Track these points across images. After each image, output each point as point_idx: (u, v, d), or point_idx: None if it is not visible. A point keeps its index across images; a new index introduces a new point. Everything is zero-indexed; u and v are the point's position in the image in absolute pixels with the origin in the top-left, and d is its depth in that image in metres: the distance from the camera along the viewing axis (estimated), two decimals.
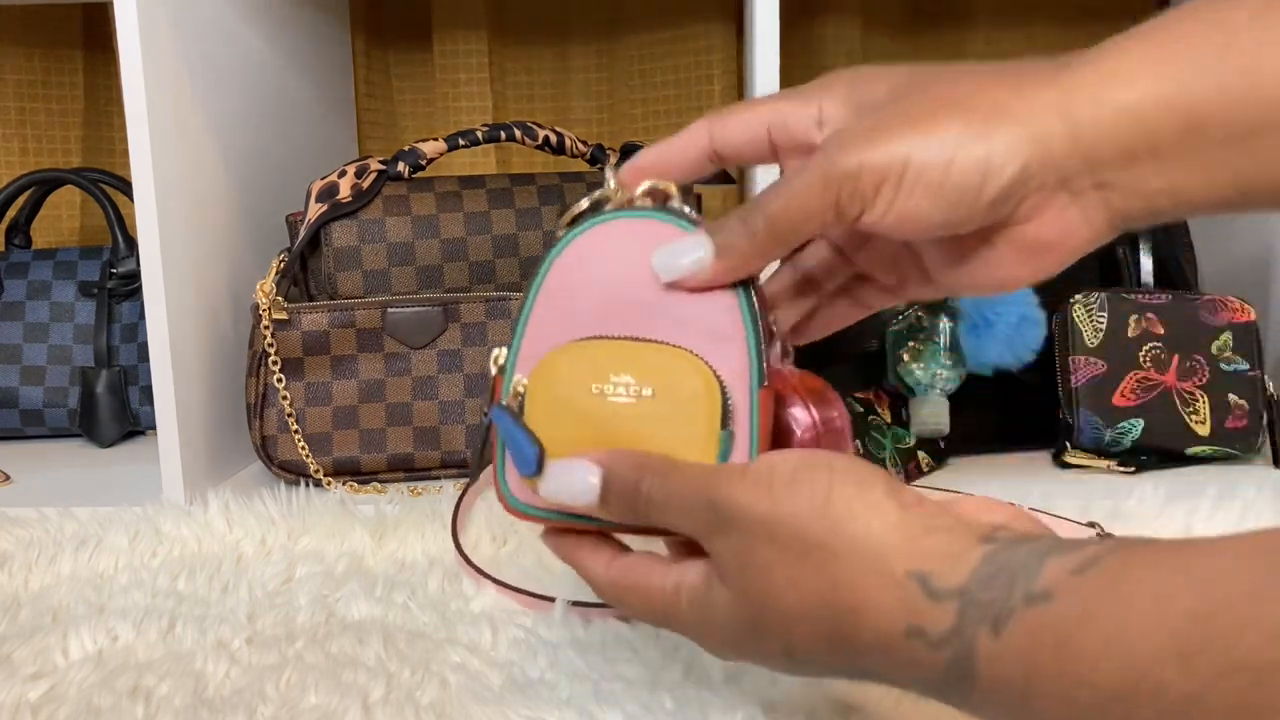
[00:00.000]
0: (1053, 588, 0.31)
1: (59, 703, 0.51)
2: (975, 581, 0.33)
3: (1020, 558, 0.32)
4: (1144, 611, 0.28)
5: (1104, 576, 0.30)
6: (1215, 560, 0.28)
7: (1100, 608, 0.29)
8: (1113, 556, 0.30)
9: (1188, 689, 0.27)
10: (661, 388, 0.42)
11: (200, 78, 0.85)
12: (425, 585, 0.64)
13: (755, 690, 0.50)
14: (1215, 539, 0.29)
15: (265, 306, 0.83)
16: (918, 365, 0.85)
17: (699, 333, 0.43)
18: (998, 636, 0.31)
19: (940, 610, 0.33)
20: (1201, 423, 0.84)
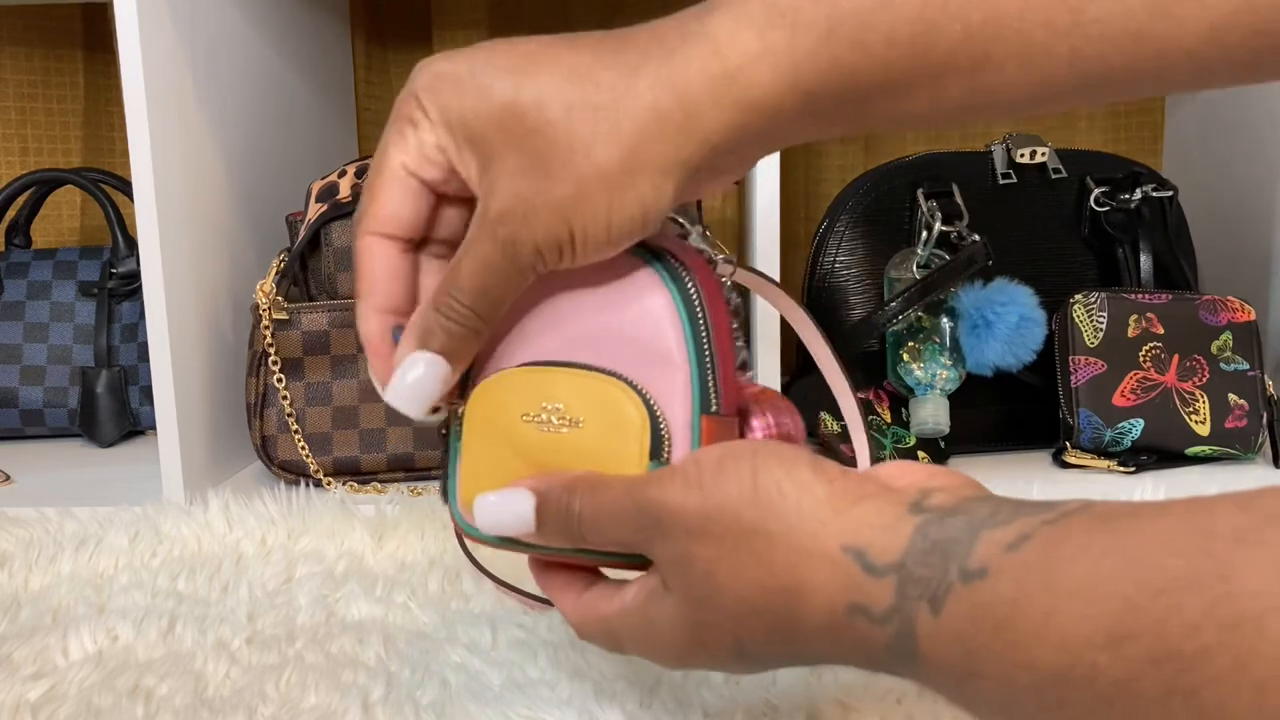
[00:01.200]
0: (987, 564, 0.31)
1: (59, 703, 0.51)
2: (911, 556, 0.33)
3: (952, 532, 0.33)
4: (1077, 594, 0.28)
5: (1037, 554, 0.30)
6: (1146, 544, 0.28)
7: (1033, 589, 0.29)
8: (1046, 530, 0.30)
9: (1119, 674, 0.27)
10: (591, 417, 0.42)
11: (200, 78, 0.85)
12: (425, 585, 0.64)
13: (755, 690, 0.50)
14: (1147, 508, 0.29)
15: (265, 306, 0.83)
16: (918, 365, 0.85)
17: (642, 355, 0.42)
18: (936, 616, 0.32)
19: (880, 586, 0.33)
20: (1201, 423, 0.84)
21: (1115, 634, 0.27)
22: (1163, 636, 0.26)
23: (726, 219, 1.23)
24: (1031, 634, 0.29)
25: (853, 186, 0.92)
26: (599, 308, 0.43)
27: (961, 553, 0.32)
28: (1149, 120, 1.23)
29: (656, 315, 0.42)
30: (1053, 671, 0.28)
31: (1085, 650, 0.28)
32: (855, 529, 0.34)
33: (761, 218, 0.83)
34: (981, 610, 0.30)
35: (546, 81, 0.39)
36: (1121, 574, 0.28)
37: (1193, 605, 0.26)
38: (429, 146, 0.42)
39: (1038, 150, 0.90)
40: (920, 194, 0.88)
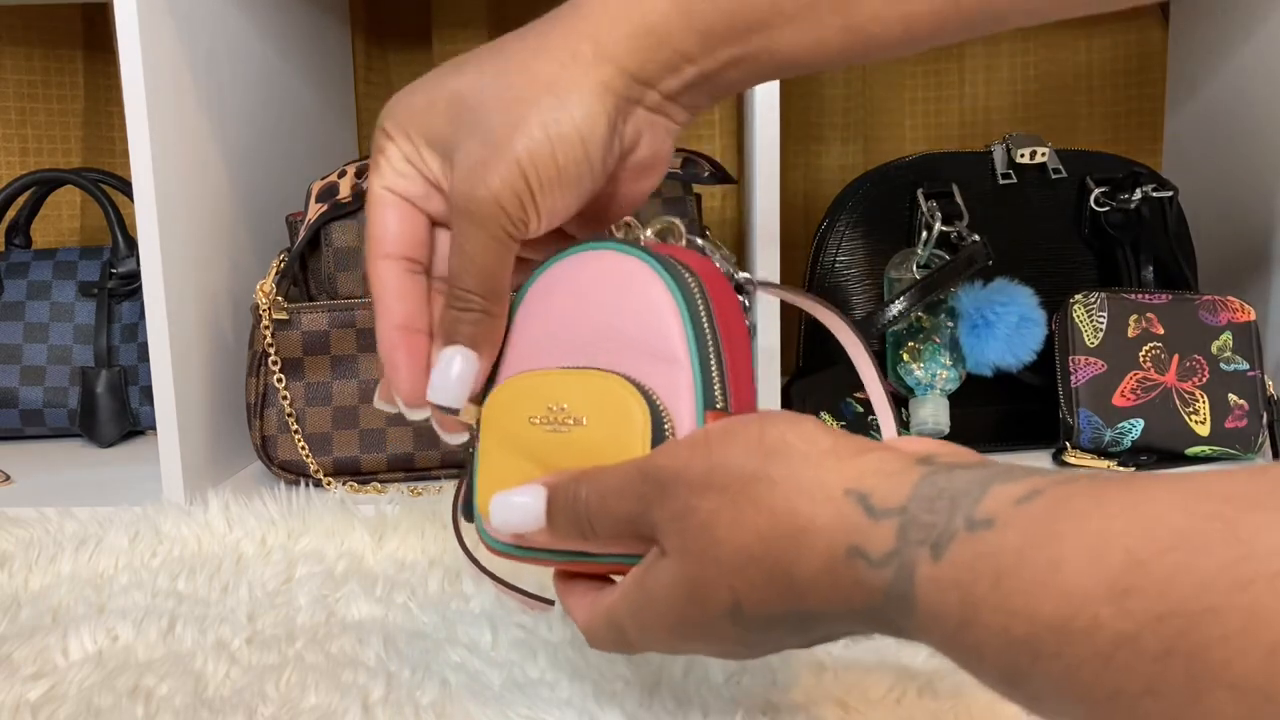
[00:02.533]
0: (995, 515, 0.31)
1: (59, 703, 0.51)
2: (915, 501, 0.33)
3: (962, 483, 0.33)
4: (1084, 547, 0.28)
5: (1046, 508, 0.30)
6: (1158, 504, 0.28)
7: (1041, 540, 0.29)
8: (1057, 488, 0.30)
9: (1122, 628, 0.27)
10: (594, 415, 0.42)
11: (200, 78, 0.85)
12: (425, 585, 0.64)
13: (755, 690, 0.50)
14: (1162, 478, 0.29)
15: (265, 306, 0.83)
16: (918, 365, 0.85)
17: (647, 356, 0.42)
18: (937, 560, 0.31)
19: (880, 529, 0.33)
20: (1201, 423, 0.84)
21: (1119, 588, 0.27)
22: (1168, 594, 0.26)
23: (726, 219, 1.23)
24: (1034, 583, 0.29)
25: (853, 186, 0.92)
26: (602, 312, 0.44)
27: (969, 503, 0.31)
28: (1149, 120, 1.23)
29: (657, 313, 0.42)
30: (1052, 622, 0.28)
31: (1087, 602, 0.27)
32: (859, 474, 0.35)
33: (761, 218, 0.83)
34: (984, 559, 0.30)
35: (476, 65, 0.45)
36: (1131, 530, 0.28)
37: (1202, 564, 0.26)
38: (398, 162, 0.46)
39: (1038, 150, 0.90)
40: (920, 194, 0.88)
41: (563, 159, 0.43)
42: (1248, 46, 1.04)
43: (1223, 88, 1.09)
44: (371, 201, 0.47)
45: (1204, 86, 1.13)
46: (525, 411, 0.44)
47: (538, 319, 0.46)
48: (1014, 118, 1.24)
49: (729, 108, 1.21)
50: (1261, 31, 1.02)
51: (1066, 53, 1.22)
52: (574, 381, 0.43)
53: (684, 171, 0.89)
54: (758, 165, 0.82)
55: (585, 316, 0.44)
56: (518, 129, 0.43)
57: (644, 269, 0.43)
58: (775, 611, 0.36)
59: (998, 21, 0.45)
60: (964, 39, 0.45)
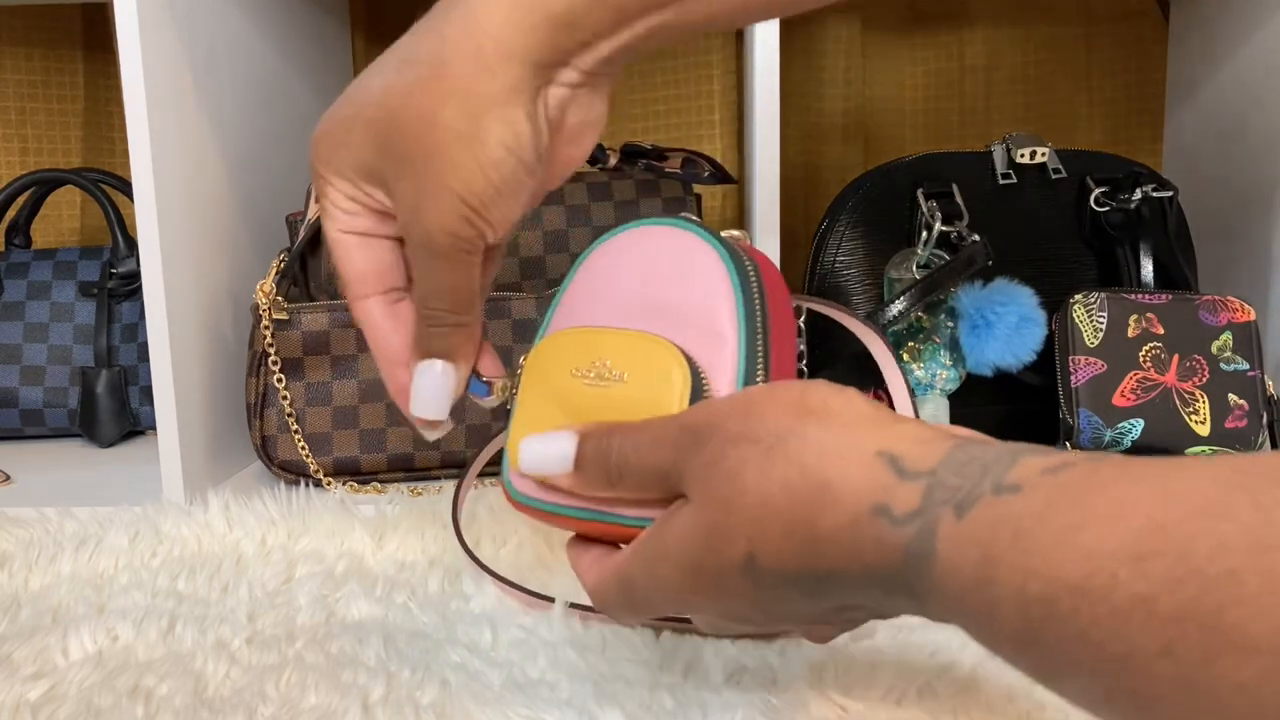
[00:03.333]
0: (1022, 482, 0.31)
1: (59, 703, 0.51)
2: (945, 466, 0.33)
3: (993, 453, 0.33)
4: (1106, 512, 0.28)
5: (1074, 478, 0.30)
6: (1184, 478, 0.28)
7: (1064, 504, 0.29)
8: (1087, 462, 0.31)
9: (1139, 589, 0.27)
10: (635, 373, 0.43)
11: (200, 78, 0.85)
12: (425, 585, 0.64)
13: (755, 690, 0.50)
14: (1187, 459, 0.29)
15: (265, 306, 0.83)
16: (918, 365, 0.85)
17: (697, 329, 0.43)
18: (960, 520, 0.31)
19: (908, 489, 0.33)
20: (1201, 423, 0.84)
21: (1139, 549, 0.27)
22: (1187, 556, 0.26)
23: (726, 219, 1.23)
24: (1053, 543, 0.29)
25: (853, 186, 0.92)
26: (660, 281, 0.45)
27: (999, 469, 0.32)
28: (1149, 120, 1.23)
29: (712, 289, 0.43)
30: (1069, 581, 0.28)
31: (1106, 562, 0.27)
32: (894, 439, 0.35)
33: (761, 218, 0.83)
34: (1006, 520, 0.30)
35: (380, 81, 0.44)
36: (1155, 497, 0.28)
37: (1223, 529, 0.26)
38: (342, 202, 0.46)
39: (1038, 150, 0.90)
40: (920, 194, 0.88)
41: (497, 178, 0.43)
42: (1248, 46, 1.04)
43: (1223, 88, 1.09)
44: (332, 246, 0.47)
45: (1204, 86, 1.13)
46: (569, 364, 0.44)
47: (598, 280, 0.47)
48: (1014, 118, 1.24)
49: (729, 108, 1.21)
50: (1261, 31, 1.02)
51: (1066, 53, 1.22)
52: (620, 340, 0.44)
53: (684, 171, 0.89)
54: (758, 165, 0.82)
55: (643, 283, 0.45)
56: (445, 161, 0.42)
57: (706, 247, 0.45)
58: (789, 568, 0.36)
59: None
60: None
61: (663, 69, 1.23)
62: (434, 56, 0.43)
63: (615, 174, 0.90)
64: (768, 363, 0.43)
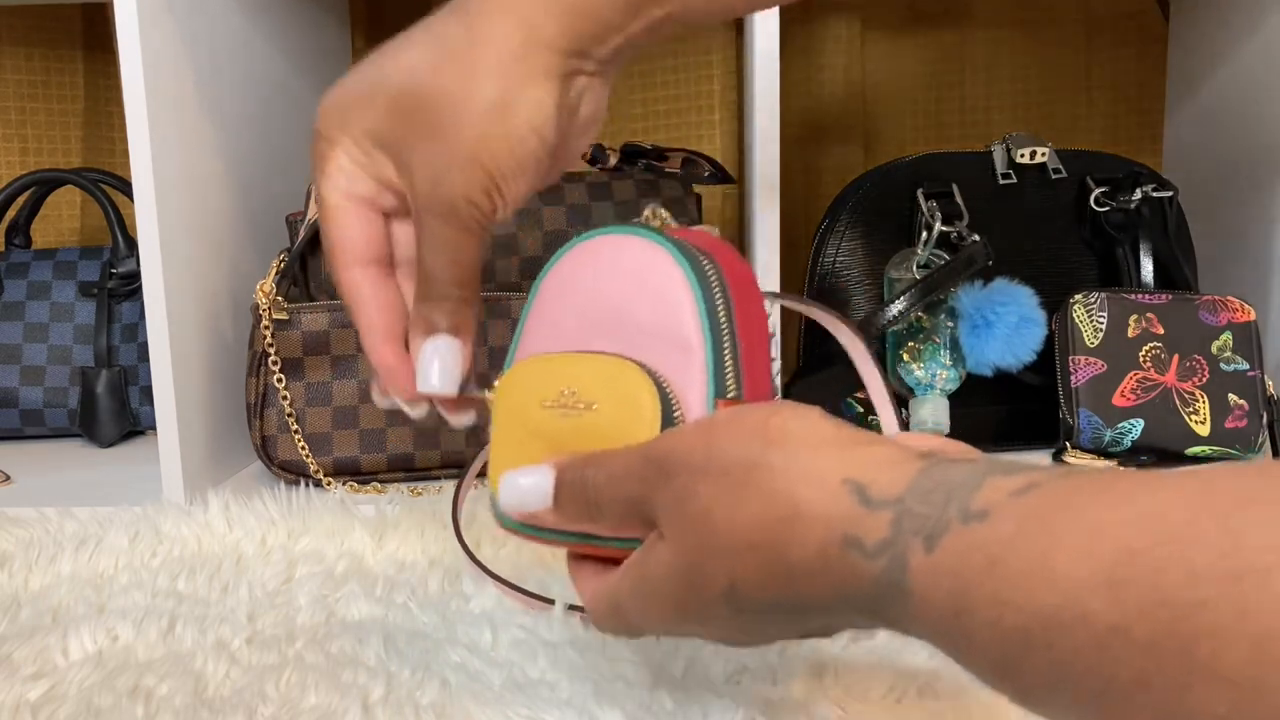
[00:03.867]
0: (990, 508, 0.31)
1: (59, 703, 0.51)
2: (911, 494, 0.33)
3: (959, 475, 0.32)
4: (1077, 539, 0.28)
5: (1042, 501, 0.30)
6: (1152, 499, 0.28)
7: (1034, 531, 0.29)
8: (1055, 483, 0.30)
9: (1113, 619, 0.27)
10: (604, 400, 0.42)
11: (200, 77, 0.85)
12: (425, 585, 0.64)
13: (755, 690, 0.50)
14: (1161, 474, 0.29)
15: (265, 306, 0.83)
16: (918, 365, 0.86)
17: (661, 343, 0.42)
18: (930, 551, 0.31)
19: (875, 519, 0.33)
20: (1201, 423, 0.84)
21: (1111, 578, 0.27)
22: (1159, 584, 0.26)
23: (726, 219, 1.23)
24: (1025, 573, 0.29)
25: (853, 186, 0.92)
26: (620, 296, 0.44)
27: (964, 495, 0.31)
28: (1149, 120, 1.23)
29: (673, 300, 0.42)
30: (1043, 612, 0.28)
31: (1079, 592, 0.27)
32: (859, 465, 0.35)
33: (761, 218, 0.83)
34: (977, 549, 0.30)
35: (407, 58, 0.45)
36: (1125, 522, 0.27)
37: (1195, 556, 0.26)
38: (346, 168, 0.47)
39: (1038, 150, 0.90)
40: (920, 194, 0.88)
41: (520, 153, 0.45)
42: (1248, 46, 1.04)
43: (1223, 88, 1.09)
44: (329, 210, 0.48)
45: (1204, 86, 1.13)
46: (537, 395, 0.44)
47: (556, 301, 0.46)
48: (1014, 118, 1.24)
49: (729, 108, 1.21)
50: (1261, 31, 1.02)
51: (1067, 53, 1.22)
52: (586, 366, 0.43)
53: (684, 171, 0.89)
54: (758, 165, 0.82)
55: (603, 300, 0.44)
56: (474, 134, 0.44)
57: (662, 255, 0.43)
58: (770, 598, 0.36)
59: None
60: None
61: (663, 69, 1.23)
62: (464, 37, 0.45)
63: (615, 174, 0.90)
64: (738, 369, 0.42)
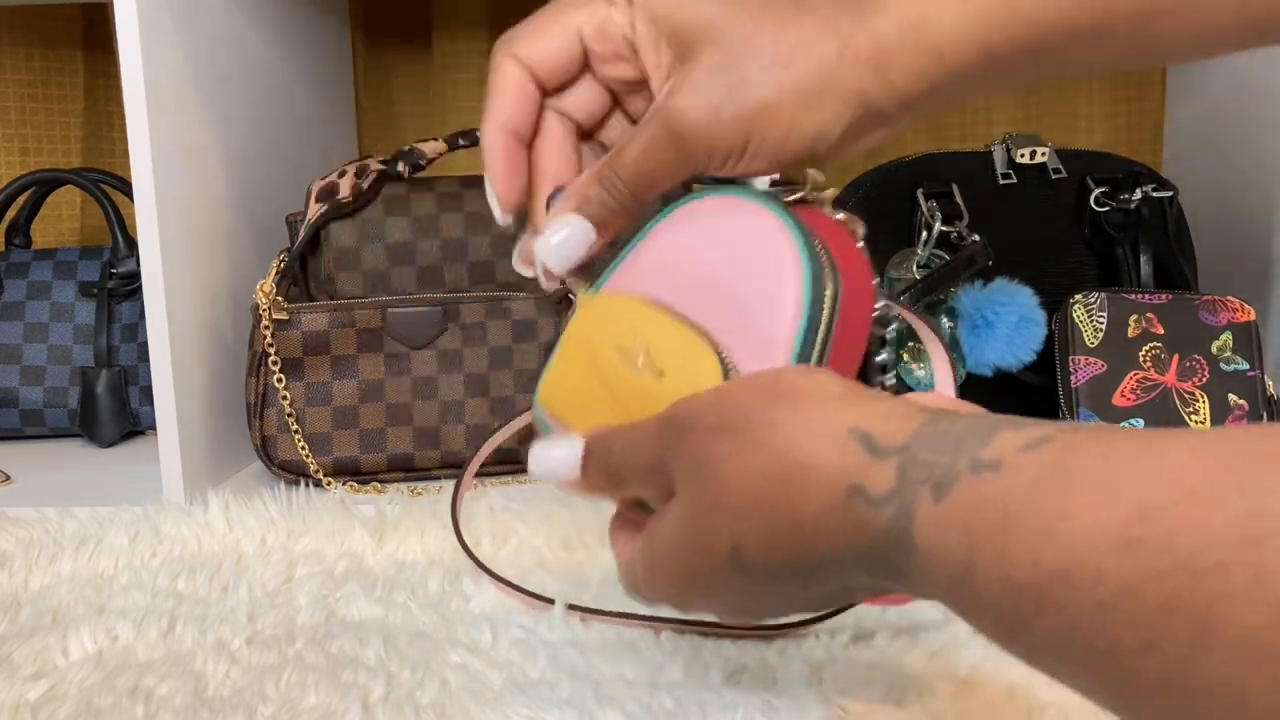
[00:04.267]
0: (1001, 459, 0.30)
1: (59, 703, 0.51)
2: (918, 440, 0.32)
3: (967, 426, 0.32)
4: (1091, 496, 0.27)
5: (1055, 455, 0.29)
6: (1167, 456, 0.27)
7: (1047, 487, 0.29)
8: (1065, 436, 0.30)
9: (1125, 580, 0.26)
10: (676, 373, 0.42)
11: (200, 78, 0.85)
12: (425, 585, 0.64)
13: (755, 690, 0.50)
14: (1175, 433, 0.28)
15: (265, 306, 0.83)
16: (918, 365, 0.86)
17: (753, 331, 0.42)
18: (939, 502, 0.31)
19: (881, 467, 0.33)
20: (1201, 423, 0.84)
21: (1125, 538, 0.26)
22: (1174, 547, 0.25)
23: None
24: (1038, 531, 0.28)
25: (853, 186, 0.92)
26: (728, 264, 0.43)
27: (974, 445, 0.31)
28: (1149, 120, 1.23)
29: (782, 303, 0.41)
30: (1055, 571, 0.27)
31: (1092, 553, 0.27)
32: (865, 416, 0.34)
33: None
34: (989, 503, 0.29)
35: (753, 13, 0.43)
36: (1140, 481, 0.27)
37: (1211, 519, 0.25)
38: (618, 25, 0.45)
39: (1038, 150, 0.90)
40: (920, 194, 0.88)
41: (788, 149, 0.43)
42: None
43: (1223, 88, 1.09)
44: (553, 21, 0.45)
45: (1204, 86, 1.13)
46: (616, 335, 0.44)
47: (668, 245, 0.45)
48: (1014, 118, 1.24)
49: None
50: None
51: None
52: (672, 332, 0.43)
53: None
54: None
55: (710, 261, 0.44)
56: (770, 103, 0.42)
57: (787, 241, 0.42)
58: (776, 558, 0.36)
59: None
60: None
61: None
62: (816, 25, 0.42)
63: None
64: None
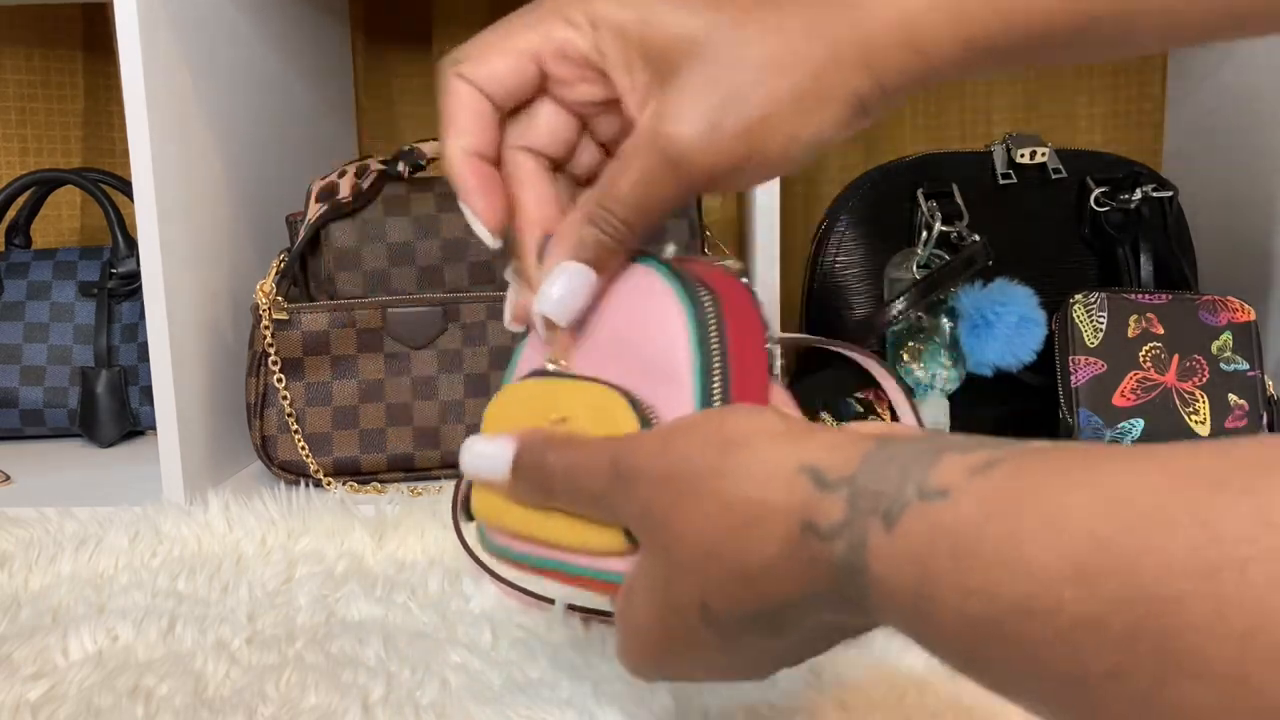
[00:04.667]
0: (949, 486, 0.29)
1: (59, 703, 0.51)
2: (865, 469, 0.32)
3: (912, 450, 0.31)
4: (1045, 523, 0.27)
5: (1004, 479, 0.29)
6: (1120, 478, 0.27)
7: (999, 514, 0.28)
8: (1016, 459, 0.29)
9: (1086, 610, 0.26)
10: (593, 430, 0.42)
11: (200, 78, 0.85)
12: (425, 585, 0.64)
13: (755, 691, 0.50)
14: (1125, 450, 0.28)
15: (265, 306, 0.83)
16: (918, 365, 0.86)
17: (654, 371, 0.42)
18: (889, 531, 0.30)
19: (831, 500, 0.32)
20: (1201, 423, 0.84)
21: (1083, 568, 0.26)
22: (1134, 577, 0.25)
23: (727, 219, 1.23)
24: (994, 561, 0.27)
25: (853, 186, 0.92)
26: (618, 321, 0.44)
27: (920, 470, 0.30)
28: (1149, 120, 1.23)
29: (668, 332, 0.42)
30: (1014, 602, 0.27)
31: (1050, 582, 0.26)
32: (811, 450, 0.34)
33: (761, 217, 0.83)
34: (941, 531, 0.29)
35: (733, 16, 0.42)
36: (1093, 505, 0.26)
37: (1168, 548, 0.25)
38: (579, 49, 0.44)
39: (1038, 150, 0.90)
40: (920, 194, 0.88)
41: (789, 158, 0.42)
42: (1248, 46, 1.04)
43: (1223, 88, 1.09)
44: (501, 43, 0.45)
45: (1204, 86, 1.13)
46: (528, 419, 0.44)
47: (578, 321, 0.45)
48: (1014, 118, 1.24)
49: None
50: None
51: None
52: (578, 394, 0.43)
53: None
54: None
55: (603, 322, 0.44)
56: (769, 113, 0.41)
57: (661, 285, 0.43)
58: (742, 610, 0.35)
59: None
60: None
61: None
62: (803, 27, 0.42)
63: None
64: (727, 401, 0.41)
